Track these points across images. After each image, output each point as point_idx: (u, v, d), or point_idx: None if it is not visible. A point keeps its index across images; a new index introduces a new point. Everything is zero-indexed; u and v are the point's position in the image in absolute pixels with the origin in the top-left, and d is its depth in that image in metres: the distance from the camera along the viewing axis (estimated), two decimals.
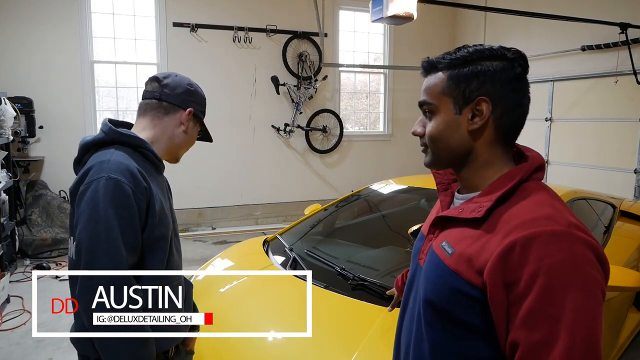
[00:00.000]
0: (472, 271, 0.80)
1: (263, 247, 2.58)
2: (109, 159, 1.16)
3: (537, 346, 0.72)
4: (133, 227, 1.14)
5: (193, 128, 1.37)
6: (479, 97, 0.85)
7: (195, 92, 1.37)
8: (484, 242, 0.80)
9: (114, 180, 1.12)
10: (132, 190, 1.14)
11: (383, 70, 6.99)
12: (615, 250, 2.66)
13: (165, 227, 1.25)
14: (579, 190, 2.92)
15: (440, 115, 0.89)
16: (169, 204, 1.36)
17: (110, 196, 1.11)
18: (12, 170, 4.41)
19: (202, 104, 1.39)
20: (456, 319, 0.83)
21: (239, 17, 5.91)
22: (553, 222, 0.76)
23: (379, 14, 3.37)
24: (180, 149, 1.38)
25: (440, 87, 0.88)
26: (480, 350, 0.82)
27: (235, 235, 5.75)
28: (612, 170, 5.07)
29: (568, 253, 0.73)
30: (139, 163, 1.22)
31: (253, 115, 6.16)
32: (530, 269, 0.73)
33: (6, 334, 3.17)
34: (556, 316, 0.72)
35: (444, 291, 0.84)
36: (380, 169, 6.75)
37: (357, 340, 1.63)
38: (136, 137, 1.25)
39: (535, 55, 5.78)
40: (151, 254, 1.22)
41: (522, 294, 0.73)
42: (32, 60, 5.11)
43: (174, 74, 1.36)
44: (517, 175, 0.84)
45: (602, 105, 5.13)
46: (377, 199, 3.09)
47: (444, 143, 0.90)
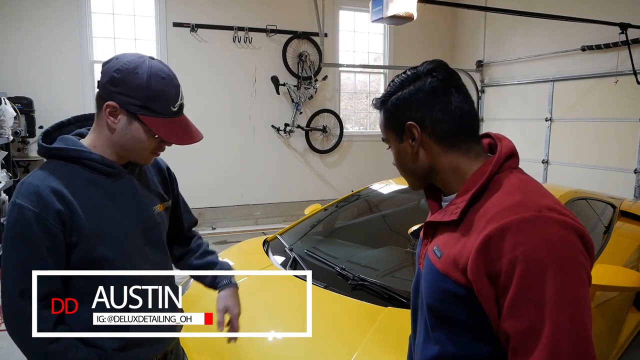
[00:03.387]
0: (457, 271, 0.82)
1: (263, 247, 2.58)
2: (24, 181, 1.07)
3: (525, 333, 0.74)
4: (38, 255, 1.04)
5: (128, 126, 1.09)
6: (407, 123, 0.91)
7: (122, 80, 1.05)
8: (464, 242, 0.83)
9: (18, 206, 1.02)
10: (35, 215, 1.01)
11: (383, 70, 6.99)
12: (615, 250, 2.66)
13: (107, 247, 1.10)
14: (579, 190, 2.92)
15: (392, 146, 0.98)
16: (135, 211, 1.18)
17: (12, 223, 1.04)
18: (12, 170, 4.41)
19: (136, 95, 1.06)
20: (454, 320, 0.85)
21: (239, 17, 5.91)
22: (523, 208, 0.77)
23: (379, 14, 3.37)
24: (127, 152, 1.13)
25: (383, 123, 0.98)
26: (478, 349, 0.84)
27: (235, 235, 5.75)
28: (612, 170, 5.06)
29: (540, 236, 0.74)
30: (74, 177, 1.08)
31: (253, 115, 6.16)
32: (507, 258, 0.74)
33: (6, 334, 3.16)
34: (539, 301, 0.73)
35: (438, 294, 0.87)
36: (380, 169, 6.73)
37: (357, 340, 1.63)
38: (68, 149, 1.09)
39: (535, 55, 5.78)
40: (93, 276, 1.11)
41: (504, 284, 0.75)
42: (32, 60, 5.11)
43: (118, 55, 1.09)
44: (487, 170, 0.86)
45: (602, 105, 5.13)
46: (377, 199, 3.09)
47: (406, 169, 0.98)
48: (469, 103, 0.92)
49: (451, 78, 0.91)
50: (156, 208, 1.25)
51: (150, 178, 1.28)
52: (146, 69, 1.07)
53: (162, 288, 1.24)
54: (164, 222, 1.30)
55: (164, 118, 1.09)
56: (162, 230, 1.29)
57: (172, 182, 1.38)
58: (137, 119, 1.08)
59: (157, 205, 1.26)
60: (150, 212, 1.23)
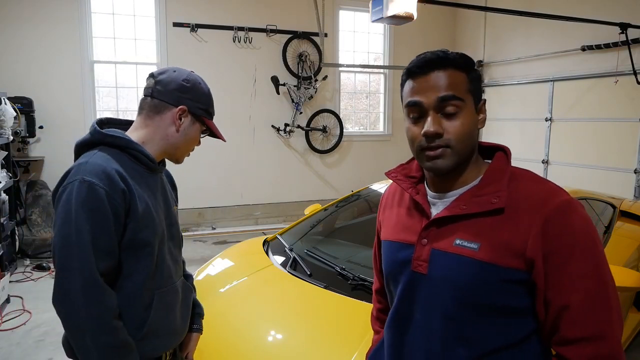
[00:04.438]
0: (512, 256, 0.83)
1: (263, 247, 2.58)
2: (87, 161, 1.13)
3: (588, 302, 0.81)
4: (107, 231, 1.10)
5: (190, 127, 1.27)
6: (484, 98, 0.94)
7: (191, 89, 1.26)
8: (512, 226, 0.84)
9: (88, 183, 1.09)
10: (106, 193, 1.09)
11: (383, 70, 6.99)
12: (615, 250, 2.66)
13: (150, 232, 1.19)
14: (579, 190, 2.92)
15: (466, 112, 0.88)
16: (164, 206, 1.30)
17: (82, 199, 1.08)
18: (12, 170, 4.41)
19: (202, 101, 1.29)
20: (504, 309, 0.86)
21: (239, 17, 5.91)
22: (559, 192, 0.87)
23: (379, 14, 3.37)
24: (177, 150, 1.29)
25: (465, 84, 0.88)
26: (525, 327, 0.87)
27: (235, 235, 5.75)
28: (612, 170, 5.06)
29: (584, 215, 0.86)
30: (125, 164, 1.18)
31: (253, 115, 6.16)
32: (565, 236, 0.82)
33: (6, 334, 3.16)
34: (595, 273, 0.82)
35: (484, 285, 0.85)
36: (380, 169, 6.71)
37: (357, 340, 1.63)
38: (121, 138, 1.20)
39: (535, 55, 5.78)
40: (134, 258, 1.18)
41: (561, 261, 0.82)
42: (32, 60, 5.11)
43: (173, 69, 1.29)
44: (507, 164, 0.93)
45: (602, 105, 5.13)
46: (377, 199, 3.08)
47: (471, 142, 0.90)
48: None
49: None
50: (175, 208, 1.38)
51: (165, 181, 1.39)
52: (201, 80, 1.31)
53: (176, 286, 1.32)
54: (178, 222, 1.41)
55: (211, 121, 1.33)
56: (179, 228, 1.39)
57: (175, 189, 1.48)
58: (200, 120, 1.29)
59: (174, 206, 1.38)
60: (172, 210, 1.35)
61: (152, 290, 1.22)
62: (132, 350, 1.15)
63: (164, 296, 1.26)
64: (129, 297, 1.18)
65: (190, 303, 1.42)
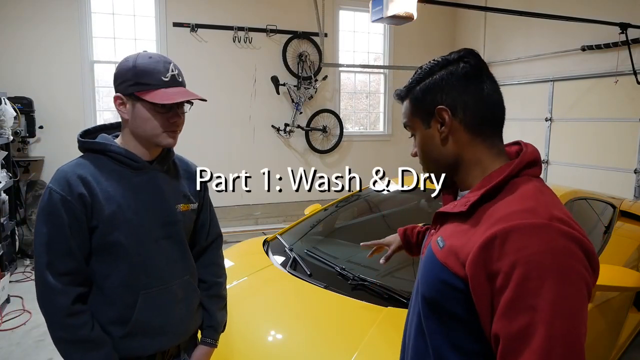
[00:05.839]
0: (457, 263, 0.82)
1: (263, 247, 2.58)
2: (59, 169, 1.21)
3: (515, 337, 0.72)
4: (63, 233, 1.15)
5: (134, 109, 1.19)
6: (437, 107, 0.90)
7: (118, 72, 1.20)
8: (469, 236, 0.82)
9: (49, 190, 1.17)
10: (61, 198, 1.15)
11: (383, 70, 6.99)
12: (615, 250, 2.66)
13: (122, 233, 1.19)
14: (579, 190, 2.92)
15: (417, 133, 0.97)
16: (155, 205, 1.26)
17: (43, 205, 1.17)
18: (12, 170, 4.41)
19: (128, 77, 1.17)
20: (447, 312, 0.85)
21: (239, 17, 5.91)
22: (534, 215, 0.77)
23: (379, 14, 3.36)
24: (147, 136, 1.22)
25: (409, 110, 0.97)
26: (465, 342, 0.83)
27: (235, 235, 5.75)
28: (612, 170, 5.06)
29: (547, 245, 0.73)
30: (103, 167, 1.22)
31: (253, 115, 6.16)
32: (509, 260, 0.73)
33: (6, 334, 3.16)
34: (533, 307, 0.71)
35: (435, 284, 0.87)
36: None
37: (357, 340, 1.63)
38: (98, 143, 1.24)
39: (535, 55, 5.78)
40: (109, 259, 1.21)
41: (501, 285, 0.74)
42: (32, 60, 5.10)
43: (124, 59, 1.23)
44: (505, 171, 0.86)
45: (602, 105, 5.13)
46: (377, 199, 3.09)
47: (429, 157, 0.96)
48: (498, 93, 0.92)
49: (483, 65, 0.92)
50: (179, 206, 1.33)
51: (178, 178, 1.37)
52: (134, 55, 1.20)
53: (169, 287, 1.29)
54: (186, 221, 1.35)
55: (158, 89, 1.18)
56: (183, 228, 1.34)
57: (202, 187, 1.45)
58: (137, 97, 1.18)
59: (181, 205, 1.33)
60: (172, 209, 1.31)
61: (137, 290, 1.22)
62: (99, 346, 1.18)
63: (153, 297, 1.24)
64: (108, 296, 1.21)
65: (193, 305, 1.38)
